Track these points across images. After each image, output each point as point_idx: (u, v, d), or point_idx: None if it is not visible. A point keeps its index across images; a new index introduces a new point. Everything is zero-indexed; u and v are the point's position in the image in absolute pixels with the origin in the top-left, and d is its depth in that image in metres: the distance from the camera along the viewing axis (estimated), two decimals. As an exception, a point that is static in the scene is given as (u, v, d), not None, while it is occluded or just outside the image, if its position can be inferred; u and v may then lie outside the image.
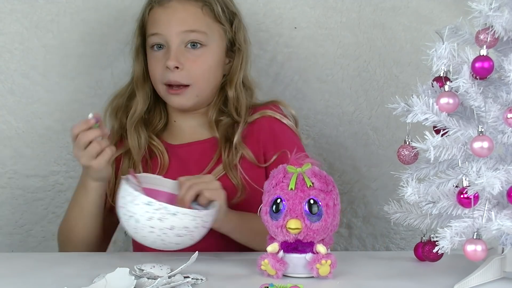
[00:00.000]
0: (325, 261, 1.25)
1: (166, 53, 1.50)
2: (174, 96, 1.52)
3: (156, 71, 1.52)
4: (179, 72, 1.50)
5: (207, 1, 1.53)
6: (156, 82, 1.54)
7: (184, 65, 1.50)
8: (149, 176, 1.42)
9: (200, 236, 1.32)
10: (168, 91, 1.52)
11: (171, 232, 1.27)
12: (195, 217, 1.28)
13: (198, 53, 1.51)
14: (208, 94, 1.56)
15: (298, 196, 1.25)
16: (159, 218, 1.26)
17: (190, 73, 1.51)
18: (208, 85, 1.54)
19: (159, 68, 1.51)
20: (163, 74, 1.51)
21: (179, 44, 1.50)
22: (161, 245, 1.30)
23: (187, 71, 1.50)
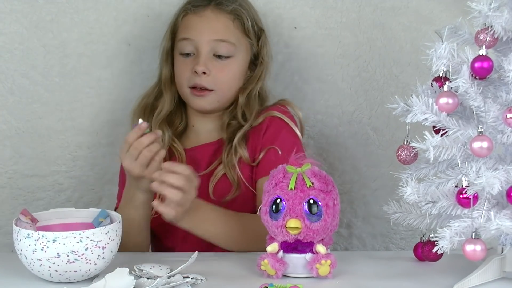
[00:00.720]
0: (324, 261, 1.25)
1: (195, 59, 1.57)
2: (197, 98, 1.58)
3: (184, 75, 1.58)
4: (206, 78, 1.56)
5: (239, 15, 1.60)
6: (182, 85, 1.59)
7: (211, 71, 1.56)
8: (61, 210, 1.36)
9: (102, 257, 1.23)
10: (193, 92, 1.57)
11: (60, 260, 1.20)
12: (80, 238, 1.20)
13: (225, 62, 1.58)
14: (227, 101, 1.62)
15: (298, 196, 1.25)
16: (42, 248, 1.19)
17: (215, 80, 1.57)
18: (229, 93, 1.61)
19: (187, 72, 1.57)
20: (190, 78, 1.57)
21: (209, 51, 1.56)
22: (61, 278, 1.22)
23: (213, 77, 1.56)
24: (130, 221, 1.43)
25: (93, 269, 1.22)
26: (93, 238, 1.20)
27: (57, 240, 1.18)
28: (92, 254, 1.20)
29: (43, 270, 1.21)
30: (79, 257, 1.20)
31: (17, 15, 1.71)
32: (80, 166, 1.78)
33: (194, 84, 1.57)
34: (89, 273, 1.22)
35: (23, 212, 1.29)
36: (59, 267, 1.20)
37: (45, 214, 1.34)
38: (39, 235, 1.19)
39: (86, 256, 1.20)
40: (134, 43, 1.74)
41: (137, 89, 1.75)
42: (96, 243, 1.21)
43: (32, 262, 1.21)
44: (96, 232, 1.21)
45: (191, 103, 1.60)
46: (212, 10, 1.59)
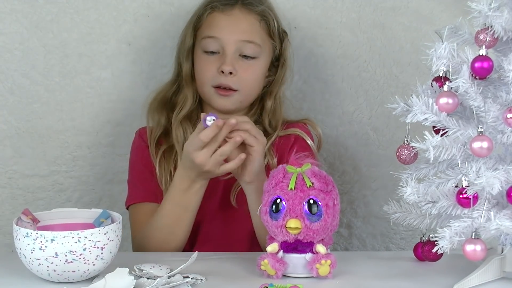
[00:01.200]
0: (324, 261, 1.25)
1: (220, 58, 1.55)
2: (222, 97, 1.56)
3: (208, 74, 1.56)
4: (232, 78, 1.54)
5: (265, 16, 1.59)
6: (204, 83, 1.57)
7: (237, 71, 1.55)
8: (63, 210, 1.36)
9: (100, 258, 1.23)
10: (217, 92, 1.56)
11: (58, 260, 1.19)
12: (79, 238, 1.19)
13: (250, 63, 1.56)
14: (248, 102, 1.61)
15: (298, 196, 1.25)
16: (40, 248, 1.19)
17: (241, 80, 1.55)
18: (252, 94, 1.60)
19: (211, 71, 1.55)
20: (214, 77, 1.55)
21: (235, 51, 1.55)
22: (59, 278, 1.22)
23: (238, 77, 1.55)
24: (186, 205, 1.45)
25: (92, 270, 1.22)
26: (92, 238, 1.20)
27: (55, 240, 1.18)
28: (90, 254, 1.20)
29: (42, 270, 1.21)
30: (77, 257, 1.19)
31: (17, 15, 1.71)
32: (80, 166, 1.77)
33: (219, 83, 1.55)
34: (87, 273, 1.22)
35: (25, 212, 1.29)
36: (57, 267, 1.20)
37: (47, 214, 1.34)
38: (38, 234, 1.19)
39: (84, 256, 1.20)
40: (134, 43, 1.74)
41: (137, 89, 1.75)
42: (95, 244, 1.20)
43: (31, 261, 1.21)
44: (95, 232, 1.21)
45: (214, 102, 1.58)
46: (240, 9, 1.57)
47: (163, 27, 1.73)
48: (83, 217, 1.34)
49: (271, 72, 1.64)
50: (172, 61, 1.72)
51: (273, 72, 1.64)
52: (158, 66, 1.75)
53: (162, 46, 1.75)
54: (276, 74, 1.64)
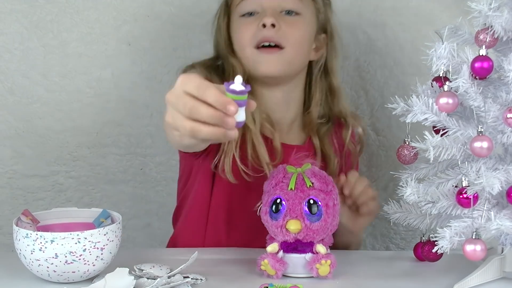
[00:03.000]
0: (324, 261, 1.25)
1: (260, 16, 1.42)
2: (266, 57, 1.41)
3: (247, 34, 1.42)
4: (276, 31, 1.40)
5: None
6: (245, 46, 1.43)
7: (281, 26, 1.41)
8: (62, 210, 1.35)
9: (100, 258, 1.22)
10: (261, 52, 1.41)
11: (58, 261, 1.19)
12: (78, 239, 1.19)
13: (294, 18, 1.43)
14: (298, 66, 1.47)
15: (298, 196, 1.25)
16: (40, 249, 1.19)
17: (286, 35, 1.41)
18: (300, 56, 1.46)
19: (251, 31, 1.42)
20: (255, 35, 1.42)
21: (275, 8, 1.42)
22: (59, 278, 1.22)
23: (283, 32, 1.41)
24: None
25: (92, 270, 1.22)
26: (91, 239, 1.20)
27: (55, 241, 1.18)
28: (90, 255, 1.20)
29: (42, 270, 1.21)
30: (77, 258, 1.19)
31: (17, 15, 1.71)
32: (80, 166, 1.78)
33: (261, 38, 1.41)
34: (87, 274, 1.22)
35: (24, 213, 1.29)
36: (57, 268, 1.20)
37: (47, 214, 1.34)
38: (38, 235, 1.19)
39: (84, 257, 1.20)
40: (134, 43, 1.74)
41: (137, 89, 1.75)
42: (95, 244, 1.20)
43: (31, 262, 1.21)
44: (95, 233, 1.20)
45: (259, 67, 1.42)
46: None
47: (163, 27, 1.73)
48: (83, 216, 1.34)
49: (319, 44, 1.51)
50: (173, 61, 1.72)
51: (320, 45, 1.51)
52: (158, 66, 1.75)
53: (162, 46, 1.75)
54: (328, 47, 1.52)
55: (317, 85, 1.53)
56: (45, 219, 1.32)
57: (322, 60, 1.52)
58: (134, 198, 1.80)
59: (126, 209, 1.79)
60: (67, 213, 1.34)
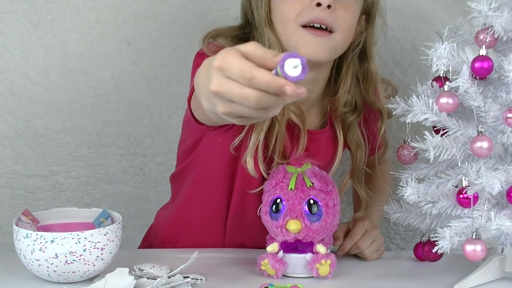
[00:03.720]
0: (324, 261, 1.25)
1: None
2: (314, 39, 1.26)
3: (295, 8, 1.26)
4: (331, 13, 1.25)
5: None
6: (290, 22, 1.27)
7: (336, 8, 1.26)
8: (62, 210, 1.35)
9: (100, 258, 1.22)
10: (309, 31, 1.25)
11: (58, 261, 1.19)
12: (78, 239, 1.19)
13: (349, 2, 1.29)
14: (341, 51, 1.34)
15: (298, 196, 1.25)
16: (40, 249, 1.18)
17: (340, 19, 1.27)
18: (347, 42, 1.33)
19: (300, 4, 1.26)
20: (305, 12, 1.26)
21: None
22: (59, 278, 1.22)
23: (337, 15, 1.26)
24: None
25: (92, 270, 1.22)
26: (92, 239, 1.20)
27: (55, 241, 1.18)
28: (90, 255, 1.20)
29: (42, 270, 1.21)
30: (77, 258, 1.19)
31: (17, 15, 1.71)
32: (80, 166, 1.77)
33: (313, 18, 1.25)
34: (87, 274, 1.22)
35: (24, 213, 1.29)
36: (58, 268, 1.20)
37: (47, 214, 1.34)
38: (38, 235, 1.19)
39: (84, 257, 1.20)
40: (134, 43, 1.74)
41: (137, 89, 1.75)
42: (95, 244, 1.20)
43: (31, 262, 1.21)
44: (95, 233, 1.20)
45: (303, 47, 1.26)
46: None
47: (163, 27, 1.73)
48: (83, 216, 1.34)
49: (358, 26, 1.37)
50: (173, 61, 1.72)
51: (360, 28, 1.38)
52: (158, 66, 1.75)
53: (162, 46, 1.74)
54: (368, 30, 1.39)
55: (350, 69, 1.40)
56: (45, 219, 1.32)
57: (360, 43, 1.39)
58: (134, 198, 1.80)
59: (126, 209, 1.79)
60: (67, 213, 1.34)
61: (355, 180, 1.46)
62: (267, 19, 1.30)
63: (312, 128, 1.42)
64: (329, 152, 1.44)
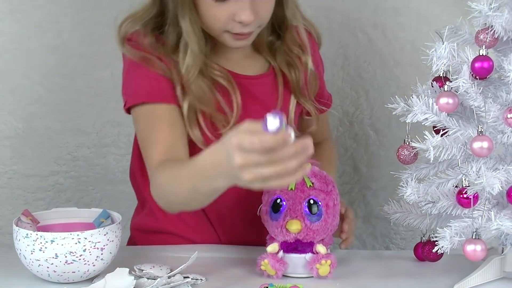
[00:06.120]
0: (325, 261, 1.25)
1: (236, 2, 1.28)
2: (241, 41, 1.34)
3: (219, 22, 1.31)
4: (254, 23, 1.31)
5: None
6: (215, 30, 1.33)
7: (258, 12, 1.30)
8: (62, 210, 1.35)
9: (100, 258, 1.22)
10: (234, 37, 1.33)
11: (58, 261, 1.19)
12: (78, 239, 1.18)
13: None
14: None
15: (298, 196, 1.25)
16: (40, 249, 1.19)
17: (262, 18, 1.33)
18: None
19: (225, 16, 1.29)
20: (229, 24, 1.31)
21: None
22: (59, 278, 1.22)
23: (259, 17, 1.31)
24: (202, 195, 1.16)
25: (92, 270, 1.22)
26: (92, 239, 1.20)
27: (55, 241, 1.18)
28: (90, 255, 1.20)
29: (42, 270, 1.21)
30: (77, 258, 1.19)
31: (17, 15, 1.71)
32: (80, 166, 1.78)
33: (239, 32, 1.31)
34: (87, 274, 1.22)
35: (24, 213, 1.29)
36: (57, 268, 1.20)
37: (47, 214, 1.34)
38: (38, 235, 1.19)
39: (84, 257, 1.20)
40: (134, 43, 1.74)
41: (137, 89, 1.75)
42: (95, 244, 1.20)
43: (31, 262, 1.21)
44: (95, 233, 1.20)
45: (228, 44, 1.35)
46: None
47: (163, 27, 1.73)
48: (82, 216, 1.34)
49: None
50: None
51: None
52: None
53: (162, 46, 1.74)
54: None
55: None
56: (45, 219, 1.32)
57: None
58: (134, 198, 1.80)
59: (126, 209, 1.78)
60: (67, 213, 1.34)
61: (299, 97, 1.44)
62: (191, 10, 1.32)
63: (256, 73, 1.43)
64: (275, 94, 1.44)
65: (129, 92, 1.38)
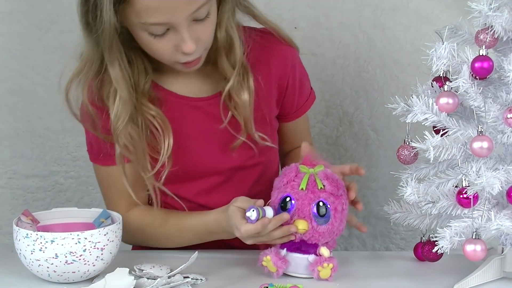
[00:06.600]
0: (327, 264, 1.25)
1: (175, 35, 1.28)
2: (191, 67, 1.35)
3: (165, 53, 1.32)
4: (198, 49, 1.31)
5: None
6: (165, 61, 1.35)
7: (199, 39, 1.31)
8: (62, 210, 1.35)
9: (100, 258, 1.22)
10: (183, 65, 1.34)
11: (58, 261, 1.19)
12: (78, 240, 1.19)
13: (206, 21, 1.31)
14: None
15: (308, 197, 1.25)
16: (40, 249, 1.19)
17: (205, 42, 1.33)
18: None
19: (168, 50, 1.31)
20: (176, 55, 1.32)
21: (189, 24, 1.28)
22: (59, 278, 1.22)
23: (202, 42, 1.32)
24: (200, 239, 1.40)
25: (92, 270, 1.22)
26: (92, 239, 1.20)
27: (55, 241, 1.18)
28: (90, 255, 1.20)
29: (42, 270, 1.21)
30: (77, 258, 1.19)
31: (17, 15, 1.71)
32: (80, 166, 1.77)
33: (185, 61, 1.32)
34: (87, 274, 1.22)
35: (24, 213, 1.29)
36: (58, 268, 1.20)
37: (47, 214, 1.34)
38: (38, 235, 1.19)
39: (84, 257, 1.20)
40: (134, 43, 1.74)
41: (137, 89, 1.75)
42: (95, 245, 1.20)
43: (31, 262, 1.21)
44: (95, 233, 1.21)
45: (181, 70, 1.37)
46: None
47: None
48: (82, 216, 1.34)
49: None
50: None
51: None
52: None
53: (162, 46, 1.74)
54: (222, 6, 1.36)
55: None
56: (45, 219, 1.32)
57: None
58: (134, 198, 1.80)
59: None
60: (67, 213, 1.34)
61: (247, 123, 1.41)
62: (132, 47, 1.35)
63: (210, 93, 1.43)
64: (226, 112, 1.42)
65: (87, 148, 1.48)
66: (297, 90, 1.50)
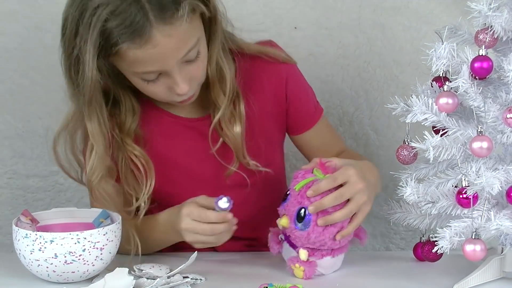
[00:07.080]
0: (299, 265, 1.26)
1: (168, 78, 1.30)
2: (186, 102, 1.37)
3: (160, 94, 1.34)
4: (191, 87, 1.33)
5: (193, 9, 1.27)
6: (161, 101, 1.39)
7: (192, 78, 1.33)
8: (62, 210, 1.36)
9: (100, 258, 1.23)
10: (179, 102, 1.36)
11: (57, 261, 1.20)
12: (78, 239, 1.19)
13: (197, 60, 1.32)
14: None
15: (296, 199, 1.25)
16: (40, 249, 1.19)
17: (199, 79, 1.35)
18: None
19: (162, 91, 1.33)
20: (170, 96, 1.34)
21: (180, 66, 1.29)
22: (59, 278, 1.22)
23: (195, 81, 1.34)
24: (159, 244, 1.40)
25: (91, 270, 1.22)
26: (91, 239, 1.20)
27: (54, 241, 1.18)
28: (89, 255, 1.20)
29: (41, 270, 1.21)
30: (77, 258, 1.19)
31: (17, 15, 1.71)
32: (80, 167, 1.77)
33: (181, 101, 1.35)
34: (87, 274, 1.22)
35: (24, 213, 1.29)
36: (57, 268, 1.20)
37: (47, 214, 1.34)
38: (37, 236, 1.19)
39: (83, 257, 1.20)
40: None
41: (137, 89, 1.75)
42: (94, 244, 1.20)
43: (31, 262, 1.21)
44: (94, 233, 1.21)
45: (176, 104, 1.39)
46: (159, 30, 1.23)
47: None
48: (82, 216, 1.34)
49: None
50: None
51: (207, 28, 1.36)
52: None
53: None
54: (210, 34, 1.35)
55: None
56: (45, 219, 1.32)
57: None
58: (134, 198, 1.80)
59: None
60: (67, 213, 1.34)
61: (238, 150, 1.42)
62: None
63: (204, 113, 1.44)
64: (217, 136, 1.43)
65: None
66: (299, 102, 1.49)
